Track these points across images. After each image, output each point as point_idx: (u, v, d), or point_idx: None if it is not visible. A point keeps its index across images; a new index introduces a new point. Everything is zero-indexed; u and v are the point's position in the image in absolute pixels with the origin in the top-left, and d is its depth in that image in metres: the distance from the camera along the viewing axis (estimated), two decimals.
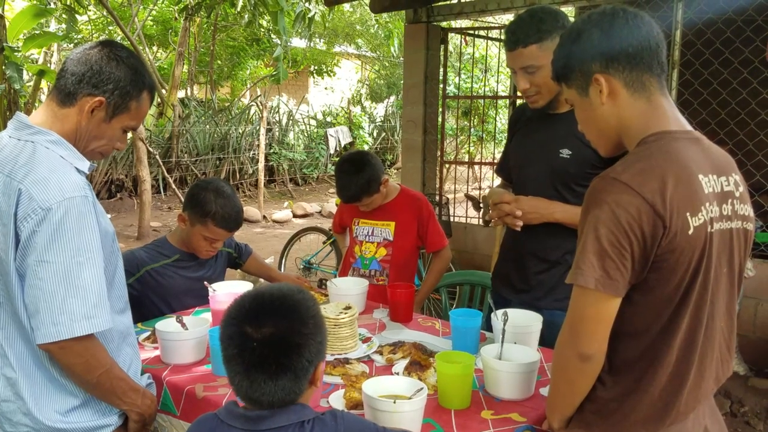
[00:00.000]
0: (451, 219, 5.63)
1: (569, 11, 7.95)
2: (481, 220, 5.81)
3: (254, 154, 11.57)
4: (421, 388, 1.55)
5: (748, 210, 1.38)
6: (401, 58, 12.88)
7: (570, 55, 1.39)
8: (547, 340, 1.97)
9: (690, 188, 1.25)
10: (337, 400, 1.67)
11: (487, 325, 2.19)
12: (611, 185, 1.25)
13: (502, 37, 6.79)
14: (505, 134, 8.26)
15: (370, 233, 2.77)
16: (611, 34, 1.33)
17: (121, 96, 1.57)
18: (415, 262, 2.87)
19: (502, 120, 8.92)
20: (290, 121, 13.60)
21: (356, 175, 2.61)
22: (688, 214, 1.23)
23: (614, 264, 1.23)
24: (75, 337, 1.44)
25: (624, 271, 1.24)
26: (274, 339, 1.23)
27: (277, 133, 12.91)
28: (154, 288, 2.48)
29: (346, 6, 14.56)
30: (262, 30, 13.19)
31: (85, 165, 1.57)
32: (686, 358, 1.31)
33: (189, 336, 1.95)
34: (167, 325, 2.01)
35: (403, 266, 2.77)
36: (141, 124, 1.69)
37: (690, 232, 1.23)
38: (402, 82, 6.52)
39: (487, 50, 6.75)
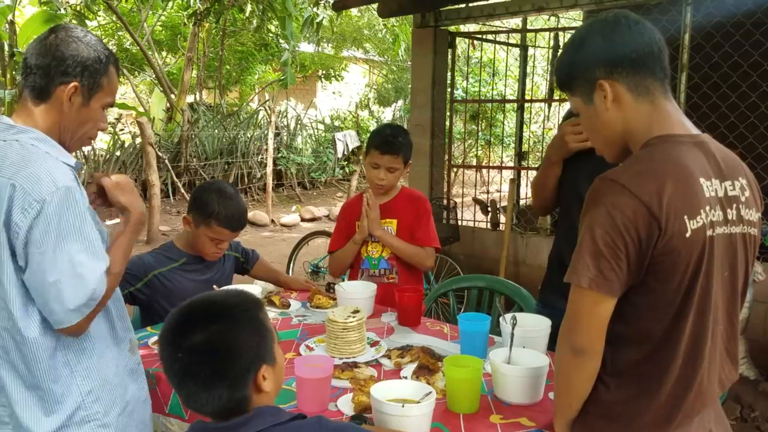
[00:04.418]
0: (459, 223, 5.62)
1: (577, 15, 7.95)
2: (488, 224, 5.80)
3: (262, 158, 11.59)
4: (430, 392, 1.55)
5: (754, 215, 1.38)
6: (409, 63, 12.90)
7: (573, 63, 1.41)
8: None
9: (689, 191, 1.25)
10: (345, 404, 1.68)
11: (495, 330, 2.19)
12: (609, 187, 1.26)
13: (510, 41, 6.82)
14: (513, 138, 8.21)
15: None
16: (614, 41, 1.34)
17: (91, 75, 1.55)
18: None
19: (509, 124, 8.92)
20: (298, 126, 13.63)
21: (402, 133, 2.74)
22: (685, 216, 1.24)
23: (609, 264, 1.24)
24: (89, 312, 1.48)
25: (619, 272, 1.25)
26: (201, 346, 1.19)
27: (285, 138, 12.94)
28: (162, 292, 2.49)
29: (354, 11, 14.60)
30: (271, 35, 13.26)
31: (71, 161, 1.57)
32: (692, 362, 1.31)
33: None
34: None
35: (409, 263, 2.76)
36: (115, 98, 1.70)
37: (687, 234, 1.24)
38: (410, 86, 6.53)
39: (494, 54, 6.75)
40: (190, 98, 12.66)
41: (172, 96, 11.95)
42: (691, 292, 1.27)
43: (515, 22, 8.03)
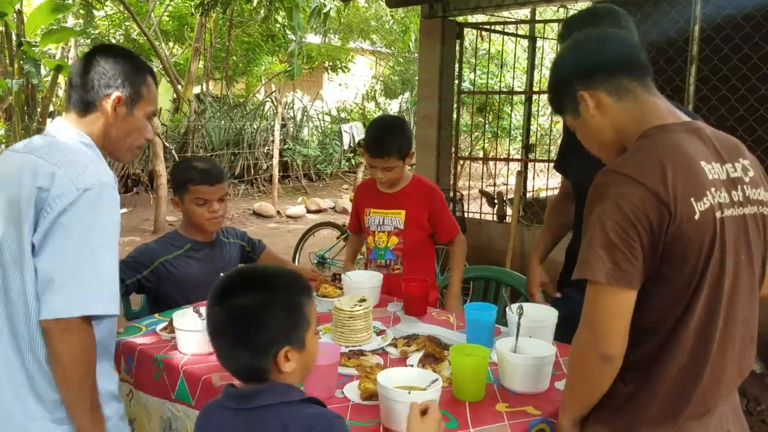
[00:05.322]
0: (465, 215, 5.61)
1: (586, 6, 7.89)
2: (495, 216, 5.79)
3: (269, 149, 11.60)
4: (436, 380, 1.55)
5: (763, 194, 1.37)
6: (416, 54, 12.86)
7: (556, 85, 1.50)
8: None
9: (692, 174, 1.26)
10: (352, 391, 1.68)
11: (501, 321, 2.18)
12: (613, 178, 1.28)
13: (519, 32, 6.78)
14: (520, 130, 8.19)
15: (381, 222, 2.75)
16: (585, 53, 1.44)
17: (132, 85, 1.66)
18: (430, 251, 2.83)
19: (517, 116, 8.88)
20: (304, 117, 13.62)
21: (393, 131, 2.62)
22: (692, 199, 1.24)
23: (624, 256, 1.23)
24: (83, 317, 1.44)
25: (635, 262, 1.24)
26: (235, 309, 1.26)
27: (291, 129, 12.94)
28: (169, 279, 2.50)
29: (361, 1, 14.55)
30: (278, 26, 13.23)
31: (111, 175, 1.61)
32: (701, 348, 1.30)
33: (205, 326, 1.95)
34: (184, 315, 2.03)
35: (415, 255, 2.74)
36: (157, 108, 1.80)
37: (696, 217, 1.24)
38: (416, 78, 6.50)
39: (503, 45, 6.72)
40: (196, 89, 12.66)
41: (179, 86, 11.95)
42: (703, 278, 1.26)
43: (524, 13, 7.99)
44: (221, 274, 2.29)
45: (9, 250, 1.49)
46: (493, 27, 6.51)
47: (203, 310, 2.02)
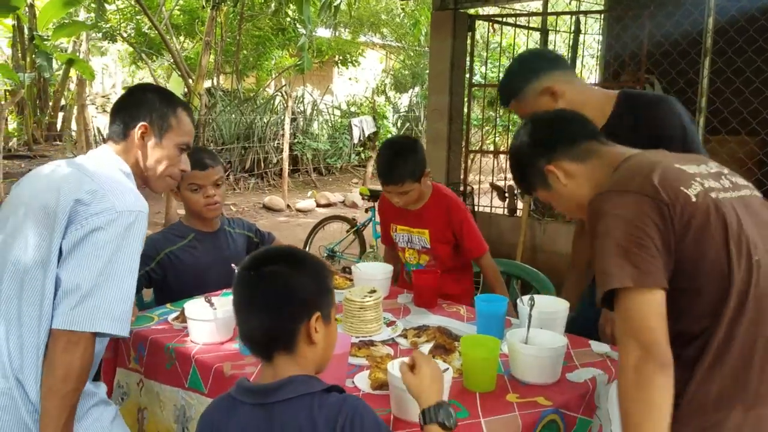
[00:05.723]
0: (476, 209, 5.60)
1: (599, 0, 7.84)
2: (506, 210, 5.77)
3: (279, 143, 11.60)
4: (447, 369, 1.55)
5: (745, 181, 1.42)
6: (426, 48, 12.81)
7: (521, 169, 1.62)
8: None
9: (671, 172, 1.32)
10: (362, 381, 1.69)
11: (512, 316, 2.18)
12: (603, 198, 1.34)
13: (530, 24, 6.75)
14: None
15: (409, 240, 2.70)
16: (540, 134, 1.57)
17: (159, 116, 1.76)
18: (466, 260, 2.72)
19: None
20: (314, 111, 13.61)
21: (404, 155, 2.50)
22: (681, 187, 1.28)
23: (641, 258, 1.24)
24: (93, 333, 1.47)
25: (654, 260, 1.24)
26: (270, 275, 1.29)
27: (301, 123, 12.93)
28: (174, 269, 2.51)
29: None
30: (288, 19, 13.22)
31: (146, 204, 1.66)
32: (749, 335, 1.26)
33: (217, 316, 1.97)
34: (196, 304, 2.04)
35: (450, 267, 2.65)
36: (192, 140, 1.88)
37: (693, 199, 1.27)
38: (427, 72, 6.48)
39: (514, 38, 6.69)
40: (207, 83, 12.67)
41: (190, 81, 11.97)
42: (731, 266, 1.25)
43: (536, 5, 7.95)
44: (232, 265, 2.30)
45: (38, 252, 1.52)
46: (504, 19, 6.48)
47: (215, 299, 2.05)
